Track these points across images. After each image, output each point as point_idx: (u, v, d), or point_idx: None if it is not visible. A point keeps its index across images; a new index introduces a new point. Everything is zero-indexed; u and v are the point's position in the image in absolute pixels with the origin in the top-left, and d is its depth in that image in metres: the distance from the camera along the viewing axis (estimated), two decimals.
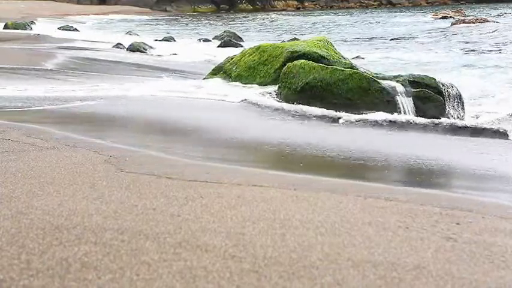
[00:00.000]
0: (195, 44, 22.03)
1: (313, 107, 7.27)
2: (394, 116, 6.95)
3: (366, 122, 6.77)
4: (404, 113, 7.33)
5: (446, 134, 6.47)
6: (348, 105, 7.44)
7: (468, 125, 6.80)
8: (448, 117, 7.51)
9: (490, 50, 17.61)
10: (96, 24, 38.35)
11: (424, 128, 6.67)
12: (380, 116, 6.91)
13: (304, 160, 4.59)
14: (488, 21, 27.15)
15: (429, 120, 6.94)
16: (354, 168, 4.40)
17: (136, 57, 15.06)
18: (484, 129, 6.62)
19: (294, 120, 6.83)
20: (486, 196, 3.58)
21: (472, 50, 17.94)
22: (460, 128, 6.68)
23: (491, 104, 8.88)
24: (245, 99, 7.66)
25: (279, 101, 7.67)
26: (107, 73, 10.98)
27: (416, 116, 7.35)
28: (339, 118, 6.91)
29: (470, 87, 10.08)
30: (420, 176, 4.22)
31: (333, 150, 4.90)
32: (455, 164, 4.67)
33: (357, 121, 6.80)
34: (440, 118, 7.30)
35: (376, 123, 6.70)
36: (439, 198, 3.24)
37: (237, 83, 8.86)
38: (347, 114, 7.03)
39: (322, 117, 6.94)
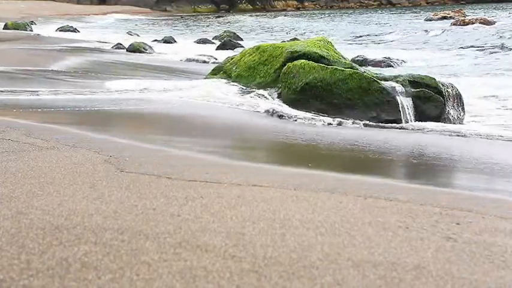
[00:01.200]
0: (195, 44, 22.05)
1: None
2: None
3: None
4: (404, 113, 7.34)
5: None
6: (348, 105, 7.45)
7: None
8: (448, 118, 7.51)
9: (491, 50, 17.62)
10: (96, 24, 38.34)
11: None
12: None
13: None
14: (488, 21, 27.15)
15: None
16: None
17: (144, 58, 15.14)
18: None
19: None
20: None
21: (471, 50, 17.95)
22: None
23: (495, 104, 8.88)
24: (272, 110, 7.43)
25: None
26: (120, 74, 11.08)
27: (416, 116, 7.37)
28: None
29: (471, 87, 10.08)
30: None
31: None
32: None
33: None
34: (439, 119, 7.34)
35: None
36: (439, 198, 3.24)
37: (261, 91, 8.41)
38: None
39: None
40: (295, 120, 6.99)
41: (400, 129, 6.88)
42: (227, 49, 19.40)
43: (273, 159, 4.90)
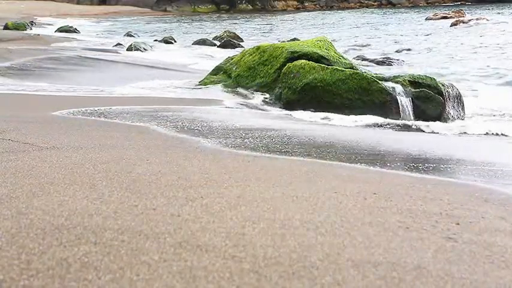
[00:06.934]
0: (195, 44, 22.05)
1: None
2: None
3: None
4: (404, 113, 7.34)
5: None
6: (348, 105, 7.45)
7: None
8: (448, 118, 7.52)
9: (490, 51, 17.61)
10: (96, 24, 38.36)
11: None
12: None
13: None
14: (488, 21, 27.16)
15: None
16: None
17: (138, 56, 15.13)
18: None
19: None
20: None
21: (471, 51, 17.94)
22: None
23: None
24: None
25: None
26: None
27: (416, 116, 7.38)
28: None
29: (470, 87, 10.09)
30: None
31: None
32: None
33: None
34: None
35: None
36: (439, 198, 3.24)
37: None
38: None
39: None
40: (295, 120, 7.00)
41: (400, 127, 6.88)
42: (227, 48, 19.44)
43: (273, 159, 4.90)
